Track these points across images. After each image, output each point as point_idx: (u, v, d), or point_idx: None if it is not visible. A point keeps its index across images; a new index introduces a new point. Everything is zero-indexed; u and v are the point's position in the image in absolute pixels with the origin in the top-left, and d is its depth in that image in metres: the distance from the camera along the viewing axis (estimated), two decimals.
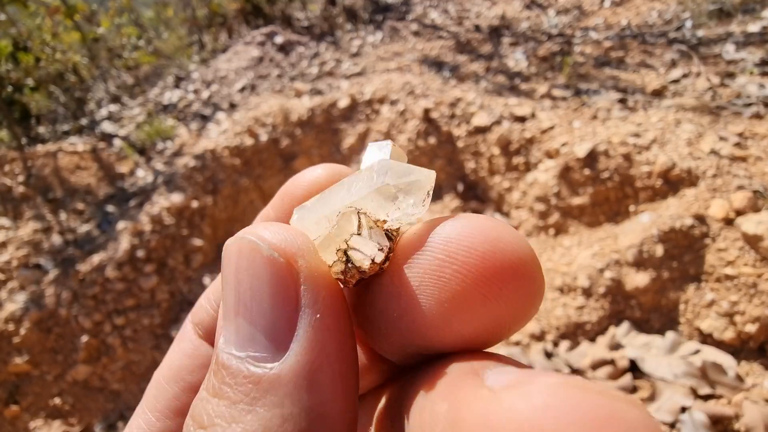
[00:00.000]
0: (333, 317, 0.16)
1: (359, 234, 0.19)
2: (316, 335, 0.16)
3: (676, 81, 2.28)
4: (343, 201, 0.20)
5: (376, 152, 0.21)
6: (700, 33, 2.57)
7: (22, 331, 1.87)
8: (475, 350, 0.17)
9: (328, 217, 0.20)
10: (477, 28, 3.20)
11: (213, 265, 2.30)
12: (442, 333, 0.17)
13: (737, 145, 1.75)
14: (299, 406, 0.15)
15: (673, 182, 1.73)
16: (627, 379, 1.49)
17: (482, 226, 0.17)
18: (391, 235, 0.19)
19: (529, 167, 2.09)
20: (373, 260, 0.18)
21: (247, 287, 0.16)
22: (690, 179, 1.69)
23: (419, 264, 0.17)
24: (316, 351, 0.16)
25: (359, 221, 0.19)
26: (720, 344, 1.49)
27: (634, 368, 1.53)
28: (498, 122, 2.20)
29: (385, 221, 0.19)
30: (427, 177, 0.19)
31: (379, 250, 0.18)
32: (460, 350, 0.17)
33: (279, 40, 3.36)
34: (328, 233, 0.19)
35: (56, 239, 2.16)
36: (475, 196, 2.32)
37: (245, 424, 0.15)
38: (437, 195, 2.38)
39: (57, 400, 1.86)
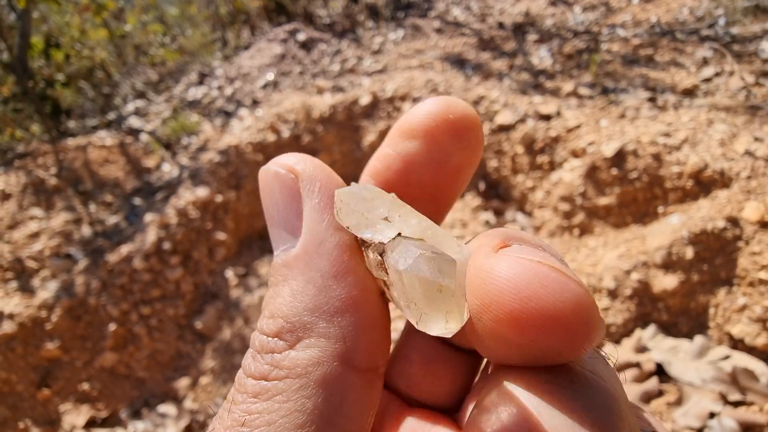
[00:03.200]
0: (331, 201, 0.20)
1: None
2: (316, 215, 0.20)
3: (708, 80, 2.22)
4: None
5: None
6: (734, 30, 2.49)
7: (54, 318, 1.93)
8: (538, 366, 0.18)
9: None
10: (500, 25, 3.16)
11: (235, 258, 2.34)
12: (492, 356, 0.19)
13: None
14: (315, 269, 0.19)
15: (704, 183, 1.68)
16: (653, 382, 1.47)
17: (515, 278, 0.16)
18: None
19: (553, 166, 2.06)
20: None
21: (269, 201, 0.21)
22: (723, 180, 1.65)
23: (468, 301, 0.19)
24: (319, 227, 0.20)
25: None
26: (752, 350, 1.45)
27: (660, 372, 1.50)
28: (522, 120, 2.18)
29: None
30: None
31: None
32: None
33: (301, 37, 3.39)
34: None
35: (86, 230, 2.22)
36: (497, 195, 2.30)
37: (282, 296, 0.19)
38: None
39: (85, 386, 1.93)
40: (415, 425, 0.24)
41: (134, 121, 2.98)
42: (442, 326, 0.18)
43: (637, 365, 1.51)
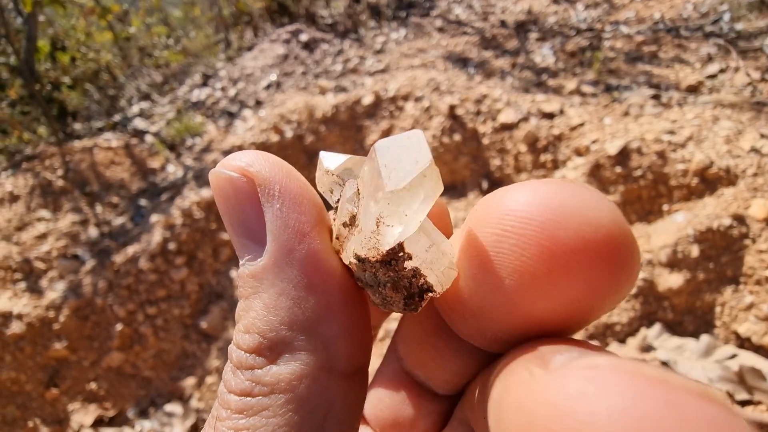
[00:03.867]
0: (294, 204, 0.18)
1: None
2: (280, 222, 0.18)
3: (712, 76, 2.20)
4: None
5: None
6: (739, 26, 2.47)
7: (62, 318, 1.95)
8: (557, 335, 0.16)
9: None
10: (503, 24, 3.15)
11: None
12: (511, 314, 0.16)
13: None
14: (287, 281, 0.18)
15: (710, 181, 1.67)
16: None
17: (545, 192, 0.15)
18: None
19: (557, 165, 2.05)
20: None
21: (226, 209, 0.19)
22: (728, 178, 1.63)
23: (481, 239, 0.16)
24: (285, 234, 0.18)
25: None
26: (759, 349, 1.44)
27: None
28: (525, 119, 2.17)
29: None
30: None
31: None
32: (539, 333, 0.16)
33: (304, 37, 3.40)
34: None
35: (93, 231, 2.25)
36: None
37: (255, 310, 0.18)
38: (461, 193, 2.37)
39: (93, 385, 1.95)
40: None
41: (139, 123, 3.00)
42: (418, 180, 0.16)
43: None
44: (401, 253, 0.17)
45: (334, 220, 0.20)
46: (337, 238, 0.19)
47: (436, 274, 0.17)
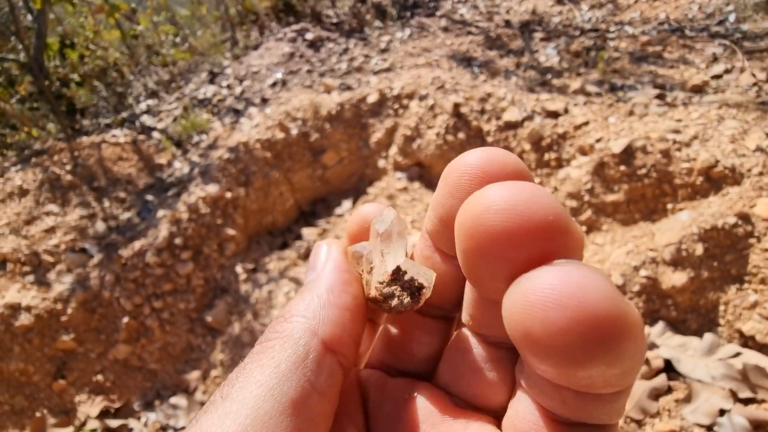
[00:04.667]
0: (337, 259, 0.32)
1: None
2: (328, 265, 0.31)
3: (718, 76, 2.20)
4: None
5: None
6: (745, 27, 2.46)
7: (69, 311, 1.98)
8: None
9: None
10: (507, 24, 3.16)
11: (244, 254, 2.37)
12: (483, 274, 0.23)
13: None
14: (317, 292, 0.29)
15: (715, 180, 1.67)
16: (661, 379, 1.46)
17: (507, 193, 0.20)
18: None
19: (561, 163, 2.06)
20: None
21: (312, 258, 0.33)
22: (734, 177, 1.64)
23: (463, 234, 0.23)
24: (327, 270, 0.31)
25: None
26: (762, 347, 1.44)
27: (669, 369, 1.49)
28: (529, 117, 2.18)
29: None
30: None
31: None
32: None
33: (309, 36, 3.42)
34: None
35: (100, 225, 2.27)
36: None
37: (293, 304, 0.29)
38: None
39: (99, 377, 1.97)
40: (398, 388, 0.31)
41: (146, 120, 3.03)
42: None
43: (646, 362, 1.51)
44: (400, 271, 0.28)
45: (363, 277, 0.32)
46: (366, 284, 0.31)
47: (422, 276, 0.28)
